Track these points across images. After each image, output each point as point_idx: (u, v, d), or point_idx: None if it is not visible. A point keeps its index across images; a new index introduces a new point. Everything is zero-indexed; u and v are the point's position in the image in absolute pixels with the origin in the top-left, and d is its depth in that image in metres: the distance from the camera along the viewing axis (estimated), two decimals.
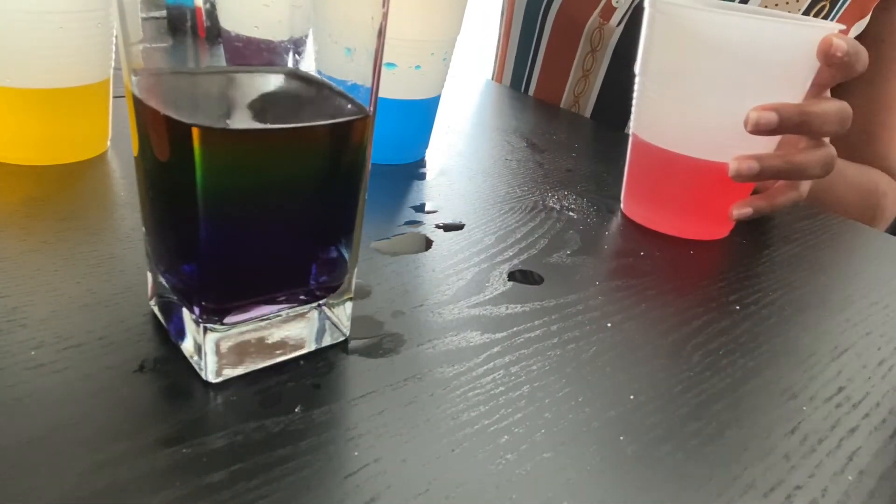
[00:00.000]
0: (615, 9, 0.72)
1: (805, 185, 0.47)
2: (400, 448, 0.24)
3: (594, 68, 0.75)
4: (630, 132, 0.46)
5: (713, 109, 0.41)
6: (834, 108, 0.41)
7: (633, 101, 0.45)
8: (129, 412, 0.24)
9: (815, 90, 0.42)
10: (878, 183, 0.68)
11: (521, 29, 0.82)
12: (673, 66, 0.41)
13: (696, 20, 0.39)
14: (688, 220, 0.45)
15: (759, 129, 0.38)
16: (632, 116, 0.46)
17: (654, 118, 0.44)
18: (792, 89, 0.40)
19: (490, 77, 0.91)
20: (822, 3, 0.63)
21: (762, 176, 0.40)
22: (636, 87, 0.45)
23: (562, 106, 0.78)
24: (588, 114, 0.76)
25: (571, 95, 0.77)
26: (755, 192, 0.46)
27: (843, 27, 0.40)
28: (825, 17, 0.63)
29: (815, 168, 0.42)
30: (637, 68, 0.44)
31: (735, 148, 0.41)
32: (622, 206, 0.48)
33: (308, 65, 0.26)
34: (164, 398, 0.25)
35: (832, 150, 0.44)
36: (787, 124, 0.39)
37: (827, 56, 0.39)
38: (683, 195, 0.44)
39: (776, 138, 0.43)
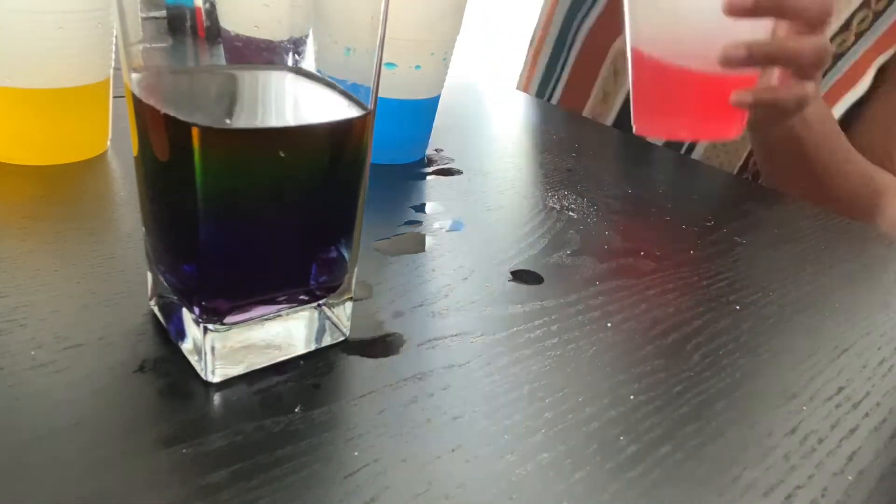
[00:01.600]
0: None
1: (810, 85, 0.47)
2: (400, 448, 0.24)
3: (614, 91, 0.76)
4: (628, 46, 0.48)
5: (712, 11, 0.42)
6: (809, 42, 0.43)
7: (626, 11, 0.47)
8: (129, 412, 0.24)
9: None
10: (883, 175, 0.65)
11: (554, 44, 0.83)
12: None
13: None
14: (701, 121, 0.48)
15: (742, 9, 0.41)
16: (626, 27, 0.47)
17: (652, 28, 0.46)
18: None
19: (517, 87, 0.91)
20: (865, 14, 0.63)
21: (752, 60, 0.42)
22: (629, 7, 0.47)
23: (588, 106, 0.79)
24: (615, 114, 0.77)
25: (590, 115, 0.78)
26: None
27: None
28: (867, 28, 0.64)
29: (809, 54, 0.44)
30: None
31: (723, 38, 0.43)
32: (633, 125, 0.51)
33: (308, 65, 0.26)
34: (164, 398, 0.25)
35: (825, 40, 0.45)
36: (764, 5, 0.41)
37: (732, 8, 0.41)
38: (694, 102, 0.46)
39: (767, 27, 0.45)
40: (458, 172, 0.51)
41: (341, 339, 0.29)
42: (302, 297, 0.27)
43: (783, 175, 0.63)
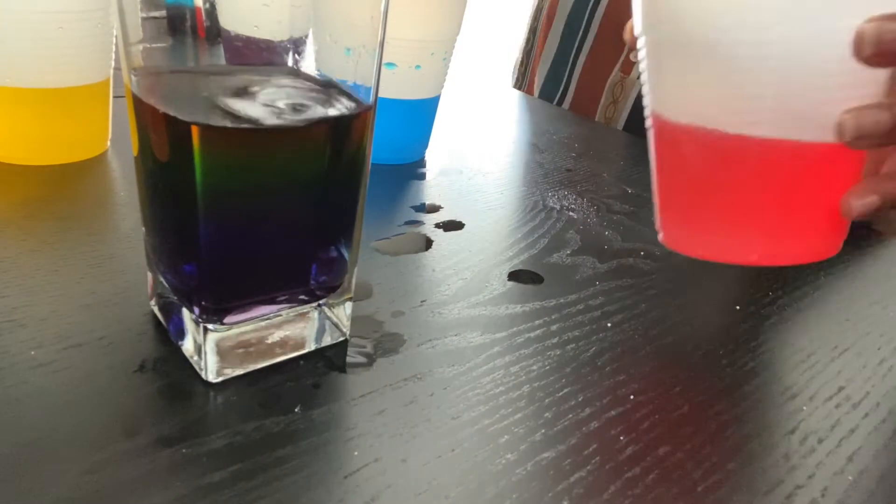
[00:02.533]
0: (633, 63, 0.73)
1: None
2: (400, 448, 0.24)
3: (615, 118, 0.76)
4: (648, 115, 0.31)
5: (796, 49, 0.25)
6: None
7: (644, 77, 0.31)
8: (129, 412, 0.24)
9: None
10: None
11: (561, 37, 0.82)
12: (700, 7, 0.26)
13: None
14: (773, 237, 0.29)
15: (883, 48, 0.23)
16: (648, 94, 0.31)
17: (685, 90, 0.29)
18: None
19: (513, 86, 0.91)
20: None
21: None
22: (642, 55, 0.31)
23: (598, 110, 0.79)
24: (624, 119, 0.76)
25: (602, 119, 0.78)
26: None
27: None
28: None
29: None
30: (638, 25, 0.30)
31: (833, 101, 0.26)
32: (659, 233, 0.33)
33: (308, 65, 0.26)
34: (164, 398, 0.25)
35: None
36: None
37: None
38: (758, 200, 0.28)
39: (883, 77, 0.26)
40: (458, 173, 0.51)
41: (341, 339, 0.29)
42: (302, 297, 0.27)
43: None
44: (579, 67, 0.79)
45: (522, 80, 0.89)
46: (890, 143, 0.26)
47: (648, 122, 0.31)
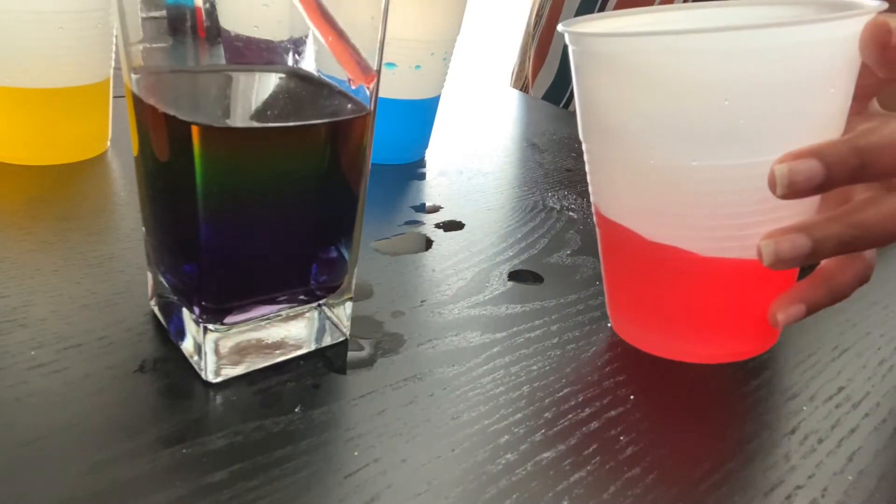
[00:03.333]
0: None
1: (871, 252, 0.30)
2: (400, 448, 0.24)
3: None
4: (592, 205, 0.31)
5: (704, 177, 0.26)
6: None
7: (588, 174, 0.31)
8: (129, 412, 0.24)
9: (857, 105, 0.28)
10: None
11: (553, 82, 0.80)
12: (624, 119, 0.27)
13: (647, 53, 0.25)
14: (703, 338, 0.30)
15: (794, 188, 0.25)
16: (589, 185, 0.31)
17: (616, 197, 0.29)
18: (823, 118, 0.26)
19: (511, 85, 0.90)
20: None
21: (816, 255, 0.26)
22: (585, 158, 0.31)
23: None
24: None
25: None
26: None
27: (884, 4, 0.25)
28: None
29: (893, 223, 0.26)
30: (580, 133, 0.30)
31: (754, 223, 0.26)
32: (610, 319, 0.33)
33: (308, 65, 0.26)
34: (164, 398, 0.25)
35: None
36: (838, 174, 0.25)
37: (884, 49, 0.25)
38: (688, 304, 0.29)
39: (813, 199, 0.27)
40: (458, 173, 0.51)
41: (341, 339, 0.29)
42: (302, 297, 0.27)
43: None
44: None
45: (521, 85, 0.88)
46: (811, 262, 0.27)
47: (594, 212, 0.31)
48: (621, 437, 0.26)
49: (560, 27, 0.28)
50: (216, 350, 0.25)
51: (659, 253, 0.28)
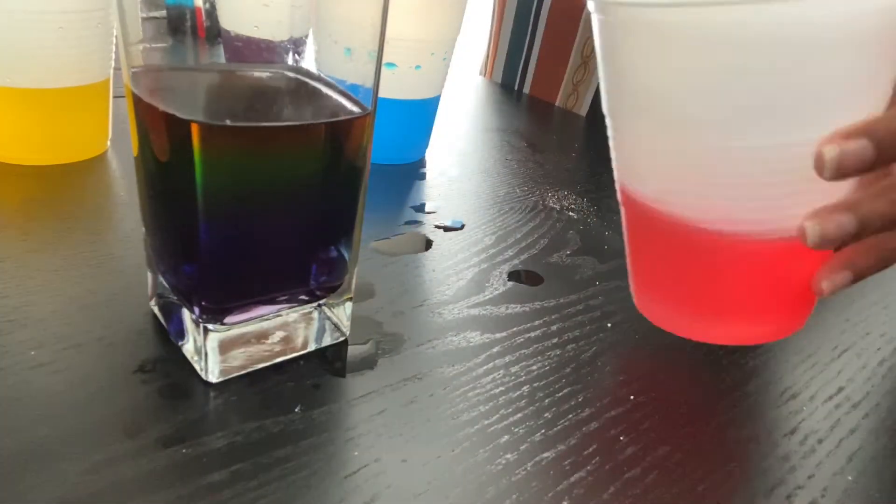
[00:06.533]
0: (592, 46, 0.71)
1: None
2: (400, 448, 0.24)
3: (594, 54, 0.74)
4: (617, 184, 0.31)
5: (743, 156, 0.25)
6: None
7: (611, 151, 0.30)
8: (129, 412, 0.24)
9: None
10: None
11: (514, 20, 0.81)
12: (661, 91, 0.26)
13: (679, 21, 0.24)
14: (735, 319, 0.29)
15: (843, 171, 0.23)
16: (614, 165, 0.30)
17: (651, 172, 0.28)
18: (870, 90, 0.24)
19: (480, 73, 0.91)
20: None
21: (862, 233, 0.25)
22: (609, 130, 0.30)
23: (560, 96, 0.77)
24: (588, 103, 0.75)
25: (570, 84, 0.76)
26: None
27: None
28: None
29: None
30: (605, 107, 0.29)
31: (796, 204, 0.25)
32: (634, 298, 0.33)
33: (308, 65, 0.26)
34: (164, 398, 0.25)
35: None
36: (890, 153, 0.23)
37: None
38: (723, 287, 0.28)
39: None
40: (458, 173, 0.51)
41: (341, 339, 0.29)
42: (302, 297, 0.27)
43: None
44: (535, 54, 0.79)
45: (484, 68, 0.90)
46: (856, 241, 0.26)
47: (618, 191, 0.30)
48: (621, 437, 0.26)
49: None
50: (216, 350, 0.25)
51: (693, 235, 0.27)
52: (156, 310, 0.29)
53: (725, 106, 0.24)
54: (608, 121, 0.29)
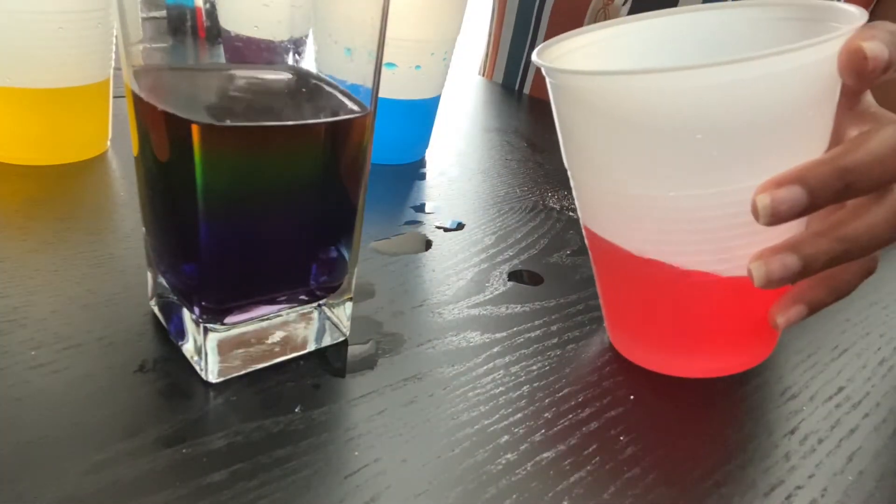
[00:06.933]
0: None
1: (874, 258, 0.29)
2: (400, 448, 0.24)
3: None
4: (581, 222, 0.31)
5: (684, 205, 0.25)
6: (891, 139, 0.24)
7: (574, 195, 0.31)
8: (129, 412, 0.24)
9: (848, 101, 0.27)
10: None
11: (516, 21, 0.81)
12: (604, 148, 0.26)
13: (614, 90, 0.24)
14: (697, 352, 0.30)
15: (778, 218, 0.24)
16: (576, 203, 0.31)
17: (601, 218, 0.29)
18: (803, 140, 0.25)
19: (479, 72, 0.91)
20: None
21: (807, 272, 0.25)
22: (570, 181, 0.30)
23: None
24: None
25: None
26: None
27: (864, 12, 0.25)
28: None
29: (886, 230, 0.26)
30: (563, 158, 0.30)
31: (748, 245, 0.26)
32: (607, 332, 0.32)
33: (308, 65, 0.26)
34: (164, 398, 0.25)
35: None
36: (822, 197, 0.24)
37: (860, 74, 0.24)
38: (682, 318, 0.29)
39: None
40: (458, 173, 0.51)
41: (341, 339, 0.29)
42: (302, 297, 0.27)
43: None
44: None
45: (483, 68, 0.90)
46: (802, 279, 0.26)
47: (582, 227, 0.31)
48: (621, 437, 0.26)
49: (534, 57, 0.28)
50: (216, 350, 0.25)
51: (646, 268, 0.27)
52: (156, 310, 0.29)
53: (659, 163, 0.25)
54: (567, 171, 0.30)
